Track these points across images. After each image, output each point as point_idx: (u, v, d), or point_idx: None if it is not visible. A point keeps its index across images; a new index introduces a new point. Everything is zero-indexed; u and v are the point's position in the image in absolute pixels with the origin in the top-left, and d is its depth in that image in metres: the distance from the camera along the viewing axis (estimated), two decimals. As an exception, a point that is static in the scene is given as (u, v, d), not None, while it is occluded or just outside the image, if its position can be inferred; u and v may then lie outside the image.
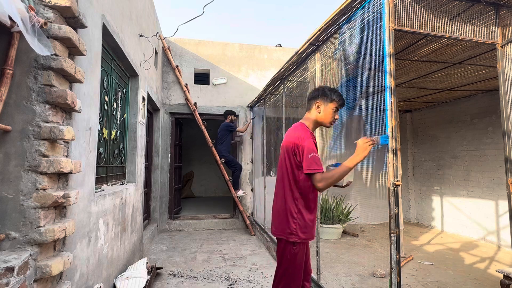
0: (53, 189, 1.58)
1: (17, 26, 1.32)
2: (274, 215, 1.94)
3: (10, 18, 1.30)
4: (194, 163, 10.29)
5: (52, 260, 1.52)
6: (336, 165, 1.89)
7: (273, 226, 1.92)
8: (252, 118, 6.28)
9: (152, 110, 5.60)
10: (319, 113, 1.92)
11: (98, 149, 2.59)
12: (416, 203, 6.49)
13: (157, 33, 5.01)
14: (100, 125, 2.69)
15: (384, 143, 1.87)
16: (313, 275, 2.95)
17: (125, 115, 3.56)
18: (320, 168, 1.72)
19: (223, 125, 5.91)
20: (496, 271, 2.85)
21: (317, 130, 3.10)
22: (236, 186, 5.95)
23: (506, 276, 2.62)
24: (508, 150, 2.30)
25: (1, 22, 1.30)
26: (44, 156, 1.51)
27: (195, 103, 6.00)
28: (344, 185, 1.95)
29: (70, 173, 1.67)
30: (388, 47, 1.91)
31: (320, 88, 1.99)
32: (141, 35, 3.88)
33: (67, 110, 1.72)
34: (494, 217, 4.71)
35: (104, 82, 2.79)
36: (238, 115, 6.36)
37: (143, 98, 4.03)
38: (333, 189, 5.25)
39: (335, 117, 1.95)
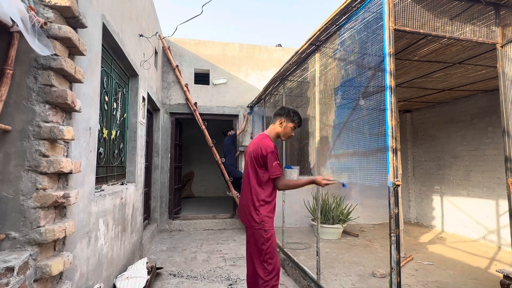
0: (53, 189, 1.58)
1: (17, 26, 1.32)
2: (242, 208, 2.41)
3: (11, 18, 1.30)
4: (194, 163, 10.29)
5: (52, 260, 1.52)
6: (288, 167, 2.62)
7: (241, 217, 2.41)
8: (249, 113, 6.30)
9: (152, 110, 5.60)
10: (281, 128, 2.41)
11: (98, 149, 2.59)
12: (416, 203, 6.49)
13: (156, 33, 5.01)
14: (100, 125, 2.69)
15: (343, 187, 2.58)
16: (313, 275, 2.95)
17: (125, 115, 3.56)
18: (280, 173, 2.27)
19: (227, 140, 5.96)
20: (496, 271, 2.85)
21: (317, 130, 3.11)
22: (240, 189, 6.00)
23: (506, 276, 2.62)
24: (508, 149, 2.30)
25: (2, 22, 1.30)
26: (44, 156, 1.51)
27: (195, 103, 6.00)
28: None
29: (70, 173, 1.67)
30: (388, 47, 1.91)
31: (285, 108, 2.46)
32: (141, 35, 3.88)
33: (67, 110, 1.72)
34: (494, 217, 4.71)
35: (104, 82, 2.79)
36: (237, 115, 6.37)
37: (143, 98, 4.03)
38: (333, 189, 5.25)
39: (291, 134, 2.46)
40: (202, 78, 6.57)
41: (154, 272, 3.26)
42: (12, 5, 1.27)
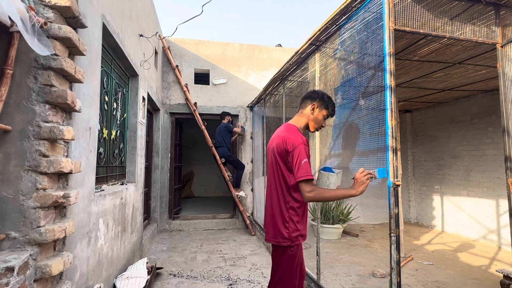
0: (53, 189, 1.58)
1: (16, 26, 1.32)
2: (267, 221, 1.88)
3: (10, 18, 1.30)
4: (194, 163, 10.29)
5: (52, 260, 1.52)
6: (325, 168, 1.89)
7: (268, 233, 1.86)
8: (242, 128, 6.28)
9: (152, 110, 5.60)
10: (313, 114, 1.89)
11: (98, 149, 2.59)
12: (416, 203, 6.49)
13: (156, 32, 5.01)
14: (100, 125, 2.69)
15: (382, 176, 1.73)
16: (313, 275, 2.95)
17: (125, 115, 3.56)
18: (310, 176, 1.65)
19: (222, 126, 5.91)
20: (496, 271, 2.85)
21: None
22: (238, 185, 5.97)
23: (506, 276, 2.62)
24: (508, 149, 2.30)
25: (1, 22, 1.30)
26: (44, 156, 1.51)
27: (195, 103, 6.00)
28: (333, 189, 1.88)
29: (70, 173, 1.67)
30: (388, 47, 1.91)
31: (319, 91, 1.94)
32: (141, 35, 3.88)
33: (67, 110, 1.72)
34: (494, 217, 4.71)
35: (104, 82, 2.79)
36: (238, 115, 6.37)
37: (143, 98, 4.03)
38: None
39: (323, 124, 1.95)
40: (202, 78, 6.57)
41: (154, 272, 3.26)
42: (12, 5, 1.27)
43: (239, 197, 5.89)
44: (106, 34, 2.57)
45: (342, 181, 1.95)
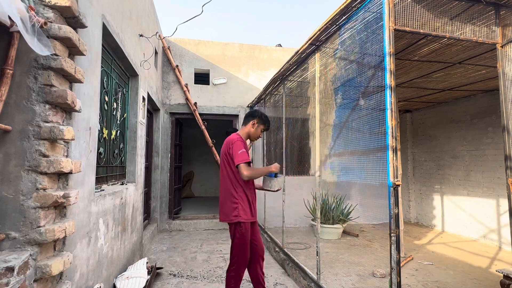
0: (53, 189, 1.58)
1: (16, 26, 1.32)
2: (221, 205, 2.50)
3: (10, 18, 1.30)
4: (194, 163, 10.29)
5: (52, 260, 1.52)
6: (271, 175, 2.56)
7: (221, 214, 2.48)
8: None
9: (152, 110, 5.60)
10: (253, 128, 2.59)
11: (98, 149, 2.59)
12: (416, 203, 6.49)
13: (156, 32, 5.01)
14: (100, 125, 2.69)
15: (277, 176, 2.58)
16: (313, 275, 2.95)
17: (125, 115, 3.56)
18: (245, 159, 2.30)
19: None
20: (496, 271, 2.85)
21: (317, 130, 3.10)
22: None
23: (506, 276, 2.62)
24: (508, 148, 2.30)
25: (1, 22, 1.30)
26: (44, 156, 1.51)
27: (195, 103, 6.00)
28: (275, 190, 2.59)
29: (70, 173, 1.67)
30: (388, 47, 1.91)
31: (258, 111, 2.65)
32: (141, 35, 3.88)
33: (67, 110, 1.72)
34: (494, 217, 4.71)
35: (104, 82, 2.79)
36: (238, 115, 6.37)
37: (143, 98, 4.03)
38: (333, 190, 5.25)
39: (260, 136, 2.67)
40: (202, 78, 6.57)
41: (154, 272, 3.26)
42: (12, 5, 1.27)
43: None
44: (106, 34, 2.57)
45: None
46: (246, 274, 3.50)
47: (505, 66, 2.35)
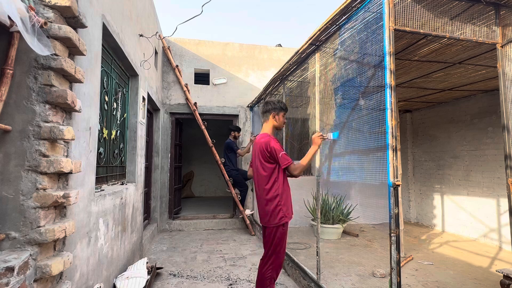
0: (53, 189, 1.58)
1: (16, 26, 1.32)
2: (262, 208, 2.42)
3: (10, 18, 1.30)
4: (194, 163, 10.29)
5: (52, 260, 1.52)
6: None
7: (263, 218, 2.41)
8: (254, 136, 6.25)
9: (152, 110, 5.60)
10: (276, 121, 2.51)
11: (98, 149, 2.59)
12: (416, 203, 6.49)
13: (156, 33, 5.01)
14: (100, 125, 2.69)
15: (335, 137, 2.44)
16: (313, 275, 2.95)
17: (125, 115, 3.56)
18: (290, 161, 2.30)
19: (226, 144, 5.84)
20: (496, 271, 2.85)
21: (317, 130, 3.11)
22: (243, 205, 5.87)
23: (506, 276, 2.62)
24: (508, 148, 2.30)
25: (1, 22, 1.30)
26: (44, 156, 1.51)
27: (195, 103, 6.00)
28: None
29: (70, 173, 1.67)
30: (388, 47, 1.91)
31: (270, 102, 2.53)
32: (141, 35, 3.88)
33: (67, 110, 1.72)
34: (494, 217, 4.71)
35: (104, 82, 2.79)
36: (238, 115, 6.36)
37: (143, 98, 4.03)
38: (332, 189, 5.25)
39: (285, 120, 2.58)
40: (202, 78, 6.57)
41: (154, 272, 3.26)
42: (12, 5, 1.27)
43: (247, 216, 5.81)
44: (106, 34, 2.57)
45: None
46: (246, 275, 3.51)
47: (505, 66, 2.35)
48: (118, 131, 3.32)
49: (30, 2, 1.45)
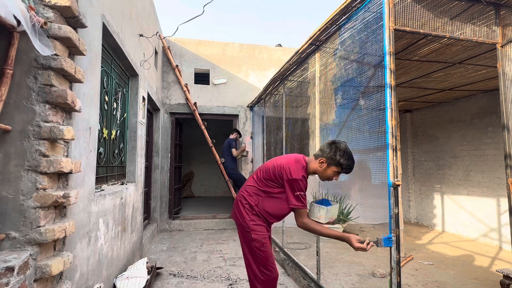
0: (53, 189, 1.58)
1: (22, 26, 1.32)
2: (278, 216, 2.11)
3: (16, 19, 1.30)
4: (194, 163, 10.29)
5: (52, 260, 1.52)
6: (321, 201, 2.06)
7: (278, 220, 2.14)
8: (251, 137, 6.29)
9: (152, 110, 5.60)
10: (320, 168, 1.98)
11: (98, 149, 2.59)
12: (416, 203, 6.49)
13: (157, 32, 5.01)
14: (100, 125, 2.69)
15: (387, 245, 1.81)
16: (313, 275, 2.95)
17: (125, 115, 3.56)
18: (303, 206, 1.92)
19: (226, 142, 5.90)
20: (496, 271, 2.84)
21: (317, 130, 3.10)
22: None
23: (506, 276, 2.62)
24: (508, 147, 2.30)
25: (5, 22, 1.30)
26: (44, 156, 1.51)
27: (195, 103, 6.00)
28: (323, 222, 2.06)
29: (70, 173, 1.67)
30: (388, 47, 1.91)
31: (333, 147, 1.94)
32: (141, 35, 3.88)
33: (67, 110, 1.72)
34: (495, 217, 4.71)
35: (104, 82, 2.79)
36: (238, 115, 6.37)
37: (143, 98, 4.03)
38: (332, 189, 5.25)
39: (335, 178, 2.00)
40: (202, 78, 6.57)
41: (154, 272, 3.26)
42: (15, 5, 1.27)
43: None
44: (106, 34, 2.57)
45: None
46: (246, 274, 3.51)
47: (505, 66, 2.35)
48: (118, 131, 3.32)
49: (30, 2, 1.45)
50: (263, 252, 2.00)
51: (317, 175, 2.10)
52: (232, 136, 5.99)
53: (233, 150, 5.90)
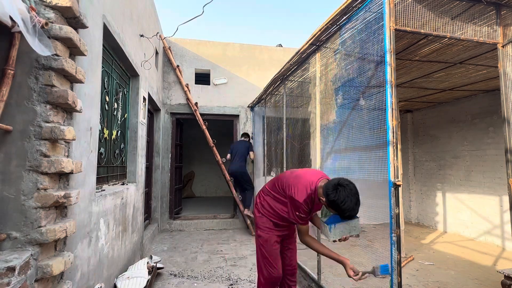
0: (54, 189, 1.59)
1: (17, 26, 1.32)
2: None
3: (11, 19, 1.30)
4: (195, 163, 10.30)
5: (53, 260, 1.53)
6: (328, 221, 2.00)
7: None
8: (252, 138, 6.28)
9: (153, 110, 5.61)
10: (320, 202, 1.98)
11: (99, 149, 2.59)
12: (417, 203, 6.48)
13: (157, 33, 5.01)
14: (101, 125, 2.69)
15: (384, 273, 1.99)
16: (314, 275, 2.95)
17: (125, 115, 3.57)
18: (305, 223, 2.06)
19: (245, 144, 5.78)
20: (497, 271, 2.84)
21: (318, 130, 3.10)
22: (249, 206, 5.73)
23: (507, 277, 2.62)
24: (508, 141, 2.29)
25: (2, 22, 1.31)
26: (45, 156, 1.51)
27: (196, 103, 6.00)
28: (331, 240, 2.03)
29: (71, 173, 1.67)
30: (388, 47, 1.91)
31: (336, 193, 1.74)
32: (142, 35, 3.88)
33: (68, 110, 1.73)
34: (495, 217, 4.70)
35: (105, 82, 2.79)
36: (238, 115, 6.37)
37: (144, 98, 4.03)
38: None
39: (318, 200, 1.98)
40: (202, 78, 6.57)
41: (155, 272, 3.26)
42: (13, 6, 1.28)
43: (248, 216, 5.74)
44: (107, 34, 2.57)
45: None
46: (246, 275, 3.51)
47: (506, 66, 2.35)
48: (119, 131, 3.32)
49: (31, 3, 1.46)
50: (265, 249, 2.22)
51: None
52: (244, 139, 5.89)
53: (251, 153, 5.83)
